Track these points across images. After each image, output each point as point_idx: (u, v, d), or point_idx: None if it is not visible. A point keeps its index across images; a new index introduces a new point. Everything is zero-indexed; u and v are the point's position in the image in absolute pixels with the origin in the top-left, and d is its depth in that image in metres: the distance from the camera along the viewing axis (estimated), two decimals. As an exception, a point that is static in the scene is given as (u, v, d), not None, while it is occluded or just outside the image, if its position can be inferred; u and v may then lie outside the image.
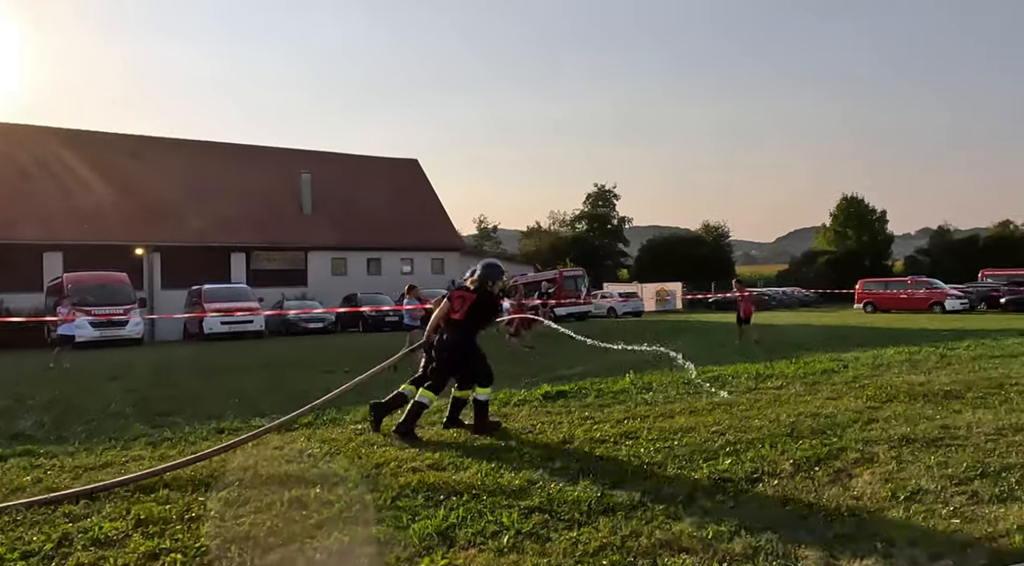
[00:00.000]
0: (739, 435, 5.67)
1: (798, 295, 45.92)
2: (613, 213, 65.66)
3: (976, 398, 7.13)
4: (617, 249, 66.47)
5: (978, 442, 5.27)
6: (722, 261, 59.39)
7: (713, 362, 11.06)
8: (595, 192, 65.47)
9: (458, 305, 6.04)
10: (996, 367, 9.47)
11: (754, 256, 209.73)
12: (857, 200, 56.34)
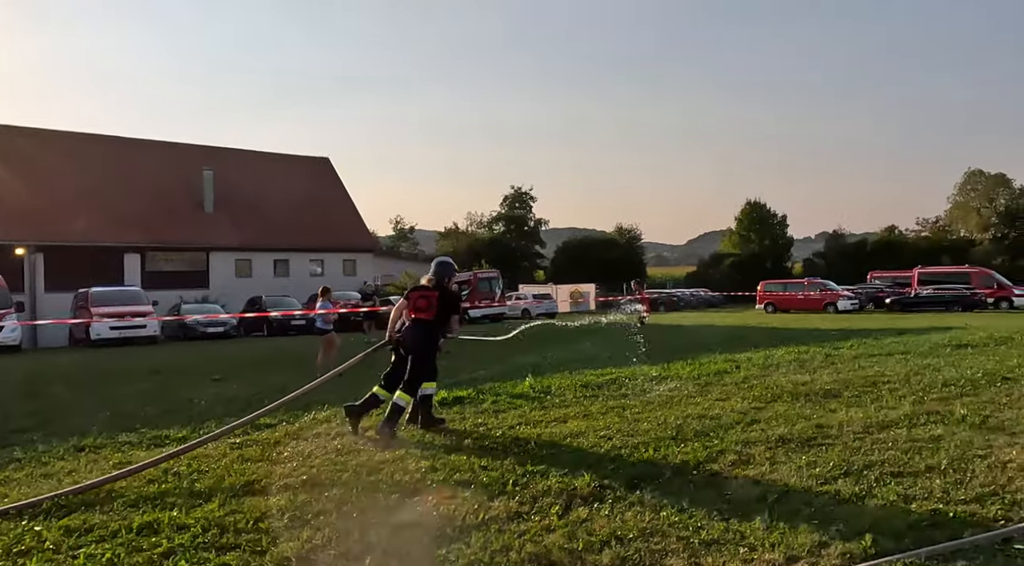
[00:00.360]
0: (626, 439, 5.70)
1: (705, 296, 47.68)
2: (530, 215, 66.19)
3: (852, 397, 7.49)
4: (534, 251, 67.04)
5: (847, 440, 5.49)
6: (634, 263, 60.99)
7: (613, 364, 11.19)
8: (512, 194, 65.81)
9: (424, 304, 6.11)
10: (873, 365, 10.02)
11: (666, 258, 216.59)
12: (760, 205, 59.14)
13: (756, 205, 59.11)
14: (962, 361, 10.21)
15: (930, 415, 6.36)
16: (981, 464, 4.71)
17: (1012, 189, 50.23)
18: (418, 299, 6.17)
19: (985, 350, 11.79)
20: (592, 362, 11.50)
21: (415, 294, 6.28)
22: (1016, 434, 5.56)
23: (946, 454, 4.98)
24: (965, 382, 8.22)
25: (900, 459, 4.90)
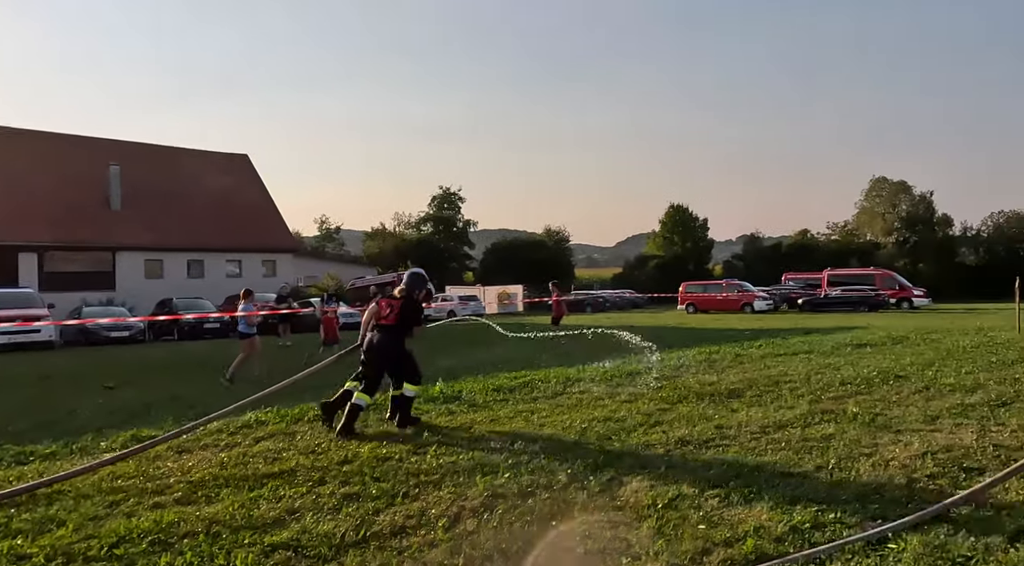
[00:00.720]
0: (528, 444, 5.58)
1: (629, 297, 48.57)
2: (459, 216, 65.85)
3: (754, 396, 7.64)
4: (462, 252, 66.74)
5: (744, 441, 5.55)
6: (562, 264, 61.62)
7: (530, 366, 11.12)
8: (441, 194, 65.31)
9: (386, 310, 6.53)
10: (778, 365, 10.32)
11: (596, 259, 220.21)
12: (683, 208, 60.81)
13: (679, 208, 60.73)
14: (860, 360, 10.65)
15: (825, 414, 6.54)
16: (866, 463, 4.83)
17: (912, 196, 53.57)
18: (384, 307, 6.58)
19: (882, 349, 12.36)
20: (510, 364, 11.41)
21: (383, 302, 6.67)
22: (901, 432, 5.76)
23: (835, 453, 5.09)
24: (861, 381, 8.54)
25: (791, 459, 4.97)
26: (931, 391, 7.75)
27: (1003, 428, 5.80)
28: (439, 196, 65.02)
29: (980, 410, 6.55)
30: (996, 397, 7.20)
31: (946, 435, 5.61)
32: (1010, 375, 8.64)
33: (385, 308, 6.54)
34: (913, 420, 6.18)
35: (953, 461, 4.83)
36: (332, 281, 35.42)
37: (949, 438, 5.50)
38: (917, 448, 5.19)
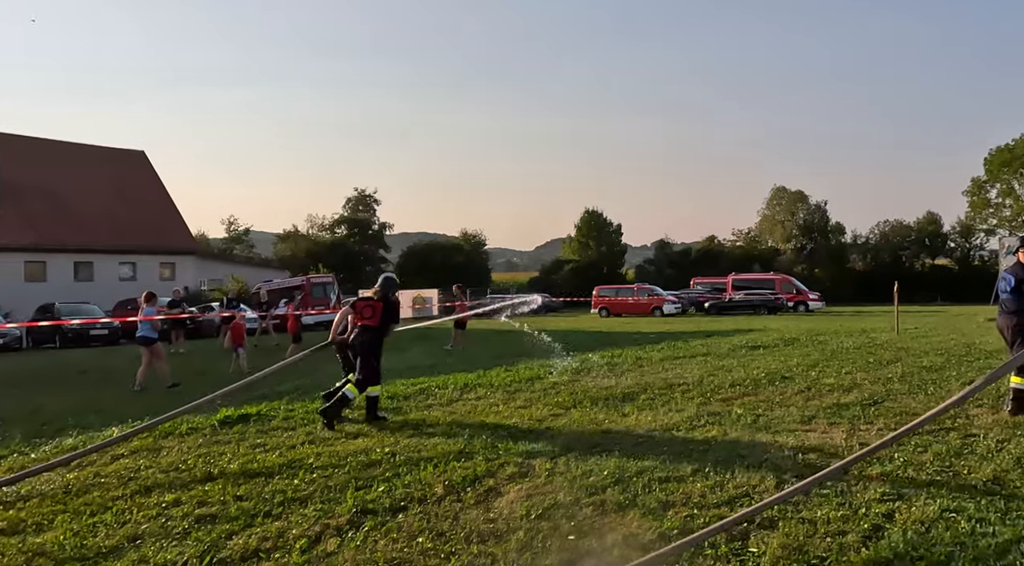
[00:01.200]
0: (411, 455, 5.38)
1: (545, 302, 48.95)
2: (374, 218, 64.65)
3: (647, 400, 7.72)
4: (378, 255, 65.56)
5: (628, 446, 5.55)
6: (479, 268, 61.62)
7: (432, 373, 10.89)
8: (355, 196, 63.92)
9: (369, 312, 7.03)
10: (675, 368, 10.53)
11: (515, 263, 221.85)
12: (597, 213, 61.99)
13: (594, 214, 61.88)
14: (752, 362, 11.02)
15: (711, 416, 6.66)
16: (741, 465, 4.90)
17: (809, 205, 56.79)
18: (364, 308, 7.08)
19: (774, 351, 12.86)
20: (412, 371, 11.14)
21: (361, 303, 7.18)
22: (778, 432, 5.92)
23: (713, 456, 5.15)
24: (749, 382, 8.81)
25: (671, 463, 4.98)
26: (812, 391, 8.07)
27: (871, 427, 6.06)
28: (354, 198, 63.65)
29: (853, 410, 6.84)
30: (869, 396, 7.55)
31: (819, 435, 5.80)
32: (884, 375, 9.12)
33: (367, 310, 7.05)
34: (791, 421, 6.37)
35: (822, 460, 4.98)
36: (237, 284, 33.81)
37: (821, 438, 5.69)
38: (791, 444, 5.33)
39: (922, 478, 4.52)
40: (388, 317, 7.13)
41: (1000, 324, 6.60)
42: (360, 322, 7.04)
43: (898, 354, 11.59)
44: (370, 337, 7.02)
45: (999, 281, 6.78)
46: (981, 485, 4.36)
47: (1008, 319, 6.44)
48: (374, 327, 7.02)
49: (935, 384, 8.32)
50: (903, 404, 7.05)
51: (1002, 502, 4.02)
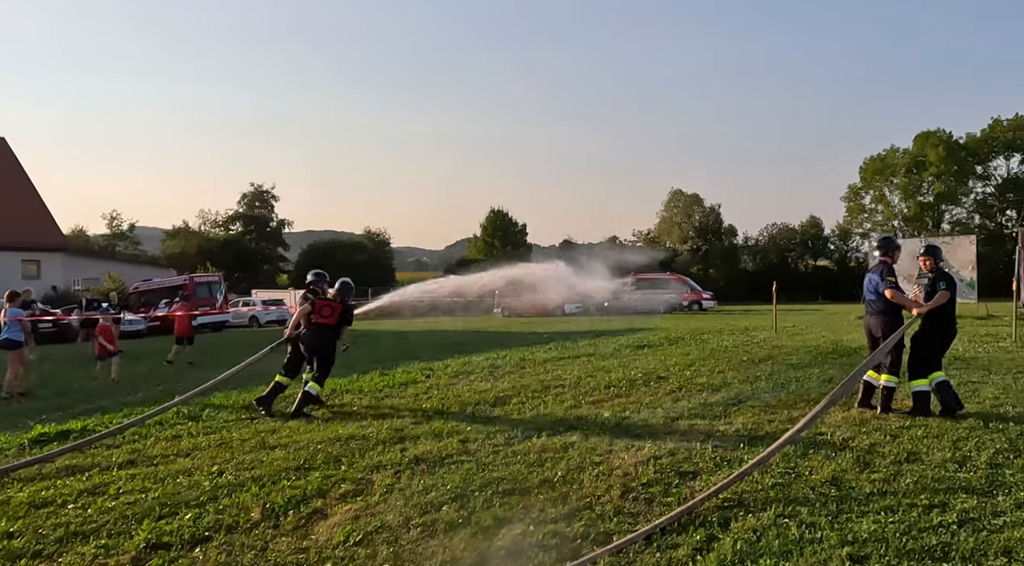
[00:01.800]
0: (240, 473, 4.87)
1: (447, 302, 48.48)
2: (272, 215, 62.06)
3: (518, 403, 7.49)
4: (277, 253, 63.04)
5: (482, 456, 5.27)
6: (383, 266, 60.41)
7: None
8: (251, 192, 61.13)
9: (328, 312, 7.57)
10: (556, 369, 10.40)
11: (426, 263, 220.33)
12: (503, 213, 62.03)
13: (499, 213, 61.90)
14: (634, 362, 11.06)
15: (578, 420, 6.50)
16: (592, 474, 4.71)
17: (704, 208, 59.11)
18: (323, 308, 7.60)
19: (658, 350, 13.01)
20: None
21: (321, 303, 7.64)
22: (639, 436, 5.81)
23: (566, 465, 4.94)
24: (625, 383, 8.76)
25: (520, 474, 4.73)
26: (683, 391, 8.10)
27: (729, 427, 6.05)
28: (250, 194, 60.84)
29: (716, 409, 6.87)
30: (735, 396, 7.64)
31: (678, 437, 5.73)
32: (753, 373, 9.32)
33: (326, 309, 7.58)
34: (656, 422, 6.30)
35: (674, 466, 4.87)
36: (113, 283, 31.35)
37: (680, 440, 5.61)
38: (646, 452, 5.21)
39: (766, 481, 4.47)
40: (343, 319, 7.70)
41: (868, 324, 6.72)
42: (318, 321, 7.53)
43: (771, 352, 11.96)
44: (326, 336, 7.56)
45: (866, 281, 6.93)
46: (819, 486, 4.35)
47: (878, 319, 6.59)
48: (331, 326, 7.58)
49: (798, 382, 8.55)
50: (764, 402, 7.15)
51: (835, 504, 4.00)
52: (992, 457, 4.88)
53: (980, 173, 53.51)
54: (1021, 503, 3.95)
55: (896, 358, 6.43)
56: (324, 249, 59.21)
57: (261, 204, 61.25)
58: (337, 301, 7.69)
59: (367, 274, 52.28)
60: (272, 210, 61.69)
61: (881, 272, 6.60)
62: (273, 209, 61.67)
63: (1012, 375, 8.55)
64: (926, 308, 6.25)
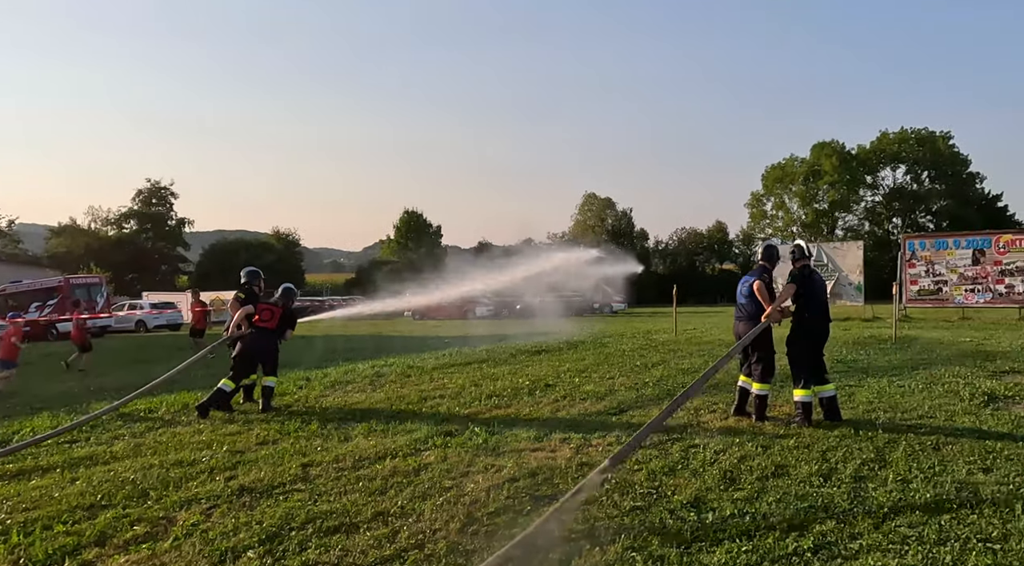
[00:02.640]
0: (12, 516, 4.07)
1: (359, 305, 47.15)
2: (171, 213, 58.52)
3: (386, 418, 6.91)
4: (176, 253, 59.54)
5: (324, 482, 4.67)
6: (293, 268, 58.11)
7: (167, 390, 9.30)
8: (148, 188, 57.42)
9: (267, 316, 7.72)
10: (443, 377, 9.86)
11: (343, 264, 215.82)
12: (417, 214, 60.99)
13: (413, 214, 60.85)
14: (526, 368, 10.66)
15: (444, 437, 5.98)
16: (436, 502, 4.20)
17: (617, 211, 60.17)
18: (263, 311, 7.77)
19: (555, 355, 12.67)
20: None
21: (262, 306, 7.84)
22: (503, 453, 5.36)
23: (411, 492, 4.41)
24: (510, 392, 8.33)
25: (355, 506, 4.17)
26: (567, 400, 7.74)
27: (602, 442, 5.69)
28: (146, 190, 57.17)
29: (594, 421, 6.52)
30: (618, 405, 7.34)
31: (544, 455, 5.31)
32: (642, 380, 9.09)
33: (266, 313, 7.75)
34: (525, 438, 5.86)
35: (530, 489, 4.44)
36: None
37: (545, 458, 5.20)
38: (505, 474, 4.76)
39: (625, 505, 4.09)
40: (285, 322, 7.88)
41: (738, 330, 6.48)
42: (257, 323, 7.67)
43: (666, 356, 11.87)
44: (268, 339, 7.72)
45: (740, 285, 6.68)
46: (679, 509, 4.01)
47: (747, 325, 6.36)
48: (271, 330, 7.74)
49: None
50: (646, 414, 6.86)
51: (691, 531, 3.65)
52: (857, 469, 4.70)
53: (870, 182, 56.86)
54: (878, 523, 3.72)
55: (768, 366, 6.25)
56: (227, 249, 56.32)
57: (159, 201, 57.68)
58: (278, 305, 7.84)
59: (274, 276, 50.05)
60: (171, 208, 58.20)
61: (759, 275, 6.42)
62: (172, 207, 58.19)
63: (887, 378, 8.67)
64: (777, 304, 6.09)
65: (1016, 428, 5.80)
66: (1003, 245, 20.55)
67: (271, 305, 7.86)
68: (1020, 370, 9.27)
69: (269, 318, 7.75)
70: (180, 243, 59.75)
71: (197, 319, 14.14)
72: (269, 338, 7.73)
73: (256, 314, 7.73)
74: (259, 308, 7.80)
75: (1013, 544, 3.41)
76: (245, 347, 7.64)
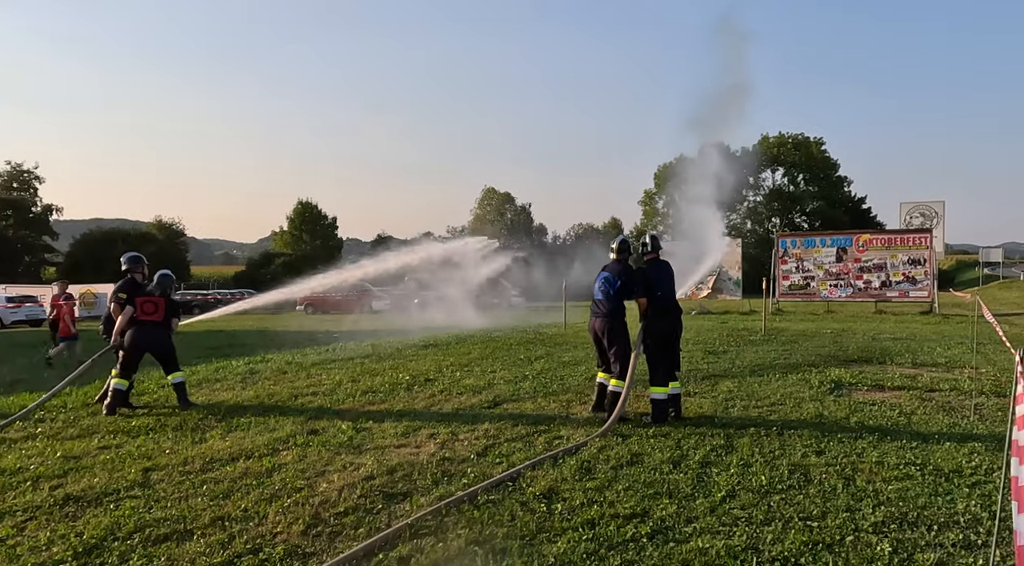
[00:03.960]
0: None
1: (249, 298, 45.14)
2: (35, 199, 53.73)
3: (252, 416, 6.60)
4: (41, 243, 54.77)
5: (163, 488, 4.37)
6: (177, 259, 54.83)
7: (13, 390, 8.51)
8: (9, 172, 52.44)
9: (151, 308, 7.30)
10: (321, 373, 9.55)
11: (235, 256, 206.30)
12: (311, 205, 59.06)
13: (308, 205, 58.89)
14: (409, 363, 10.49)
15: (308, 435, 5.77)
16: (283, 504, 4.03)
17: (516, 206, 60.83)
18: (145, 304, 7.26)
19: (443, 349, 12.52)
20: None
21: (141, 299, 7.27)
22: (366, 450, 5.23)
23: (259, 494, 4.21)
24: (387, 387, 8.18)
25: (194, 511, 3.93)
26: (445, 394, 7.68)
27: (469, 436, 5.67)
28: (6, 173, 52.18)
29: (467, 415, 6.50)
30: (494, 398, 7.35)
31: (408, 451, 5.23)
32: (523, 373, 9.17)
33: (148, 305, 7.28)
34: (391, 434, 5.76)
35: (385, 487, 4.34)
36: None
37: (408, 454, 5.11)
38: (363, 472, 4.64)
39: (480, 499, 4.08)
40: (171, 312, 7.46)
41: (595, 326, 6.50)
42: (142, 318, 7.21)
43: (551, 349, 12.04)
44: (157, 332, 7.29)
45: (598, 282, 6.66)
46: (531, 501, 4.04)
47: (603, 322, 6.41)
48: (158, 322, 7.30)
49: (561, 381, 8.51)
50: (520, 407, 6.91)
51: (536, 523, 3.68)
52: (706, 455, 4.93)
53: (752, 184, 60.33)
54: (715, 506, 3.90)
55: (626, 364, 6.30)
56: (103, 239, 52.34)
57: (21, 186, 52.80)
58: (158, 294, 7.38)
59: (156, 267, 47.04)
60: (35, 193, 53.44)
61: (619, 274, 6.45)
62: (36, 192, 53.45)
63: (750, 369, 9.19)
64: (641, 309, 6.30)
65: (852, 413, 6.28)
66: (862, 244, 22.35)
67: (152, 297, 7.36)
68: (867, 359, 10.08)
69: (153, 310, 7.30)
70: (47, 232, 55.02)
71: (59, 314, 12.87)
72: (158, 332, 7.28)
73: (137, 310, 7.21)
74: (141, 301, 7.27)
75: (830, 521, 3.66)
76: (132, 343, 7.14)
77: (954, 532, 3.49)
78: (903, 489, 4.15)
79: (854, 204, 58.24)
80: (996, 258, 52.39)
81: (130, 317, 7.20)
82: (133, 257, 7.70)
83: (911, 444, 5.16)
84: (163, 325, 7.37)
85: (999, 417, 6.01)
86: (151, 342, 7.23)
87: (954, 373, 8.63)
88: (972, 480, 4.31)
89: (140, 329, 7.19)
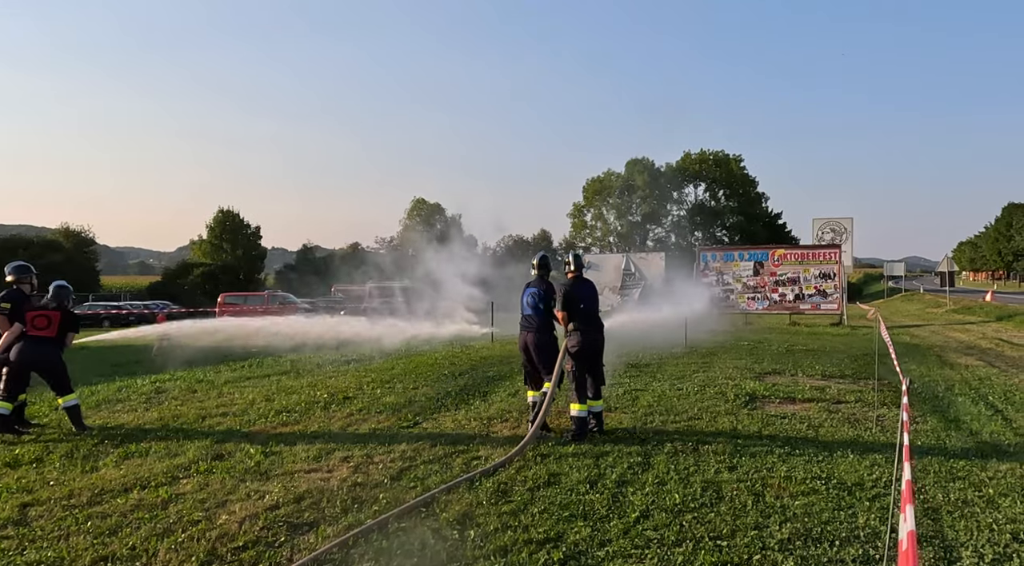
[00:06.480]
0: None
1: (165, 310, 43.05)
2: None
3: (154, 440, 6.20)
4: (-70, 250, 50.58)
5: (40, 526, 4.01)
6: (84, 270, 51.76)
7: None
8: None
9: (43, 323, 6.72)
10: (234, 392, 9.11)
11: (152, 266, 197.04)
12: (233, 214, 56.96)
13: (229, 214, 56.78)
14: (329, 380, 10.16)
15: (213, 461, 5.45)
16: (176, 539, 3.76)
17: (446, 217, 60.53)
18: (37, 318, 6.72)
19: (366, 364, 12.23)
20: None
21: (32, 313, 6.72)
22: (274, 476, 4.99)
23: (151, 528, 3.92)
24: (303, 406, 7.86)
25: (77, 549, 3.62)
26: (363, 413, 7.45)
27: (385, 458, 5.49)
28: None
29: (384, 435, 6.31)
30: (412, 417, 7.17)
31: (319, 476, 5.01)
32: (445, 388, 9.03)
33: (41, 320, 6.72)
34: (302, 458, 5.51)
35: (291, 517, 4.13)
36: None
37: (318, 480, 4.90)
38: (268, 501, 4.40)
39: (391, 525, 3.93)
40: (66, 326, 6.88)
41: (526, 341, 6.51)
42: (33, 333, 6.66)
43: (478, 363, 11.93)
44: (47, 349, 6.71)
45: (525, 297, 6.70)
46: (445, 526, 3.92)
47: (534, 337, 6.43)
48: (51, 338, 6.75)
49: (483, 397, 8.42)
50: (439, 426, 6.77)
51: (446, 551, 3.56)
52: (623, 474, 4.93)
53: (676, 198, 62.20)
54: (628, 527, 3.89)
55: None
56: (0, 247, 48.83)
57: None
58: (52, 308, 6.83)
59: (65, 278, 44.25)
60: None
61: (546, 290, 6.51)
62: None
63: (670, 381, 9.35)
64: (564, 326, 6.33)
65: (764, 426, 6.45)
66: (777, 258, 23.31)
67: (44, 309, 6.80)
68: (780, 371, 10.45)
69: (46, 325, 6.72)
70: (-65, 238, 50.88)
71: None
72: (48, 348, 6.68)
73: (28, 325, 6.65)
74: (30, 316, 6.70)
75: (738, 540, 3.70)
76: (18, 359, 6.55)
77: (855, 547, 3.59)
78: (809, 504, 4.25)
79: (771, 219, 60.81)
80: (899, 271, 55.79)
81: (19, 333, 6.65)
82: (19, 266, 7.14)
83: (818, 458, 5.33)
84: (55, 341, 6.79)
85: (898, 428, 6.30)
86: (38, 359, 6.65)
87: (859, 384, 9.04)
88: (872, 493, 4.47)
89: (27, 344, 6.64)
